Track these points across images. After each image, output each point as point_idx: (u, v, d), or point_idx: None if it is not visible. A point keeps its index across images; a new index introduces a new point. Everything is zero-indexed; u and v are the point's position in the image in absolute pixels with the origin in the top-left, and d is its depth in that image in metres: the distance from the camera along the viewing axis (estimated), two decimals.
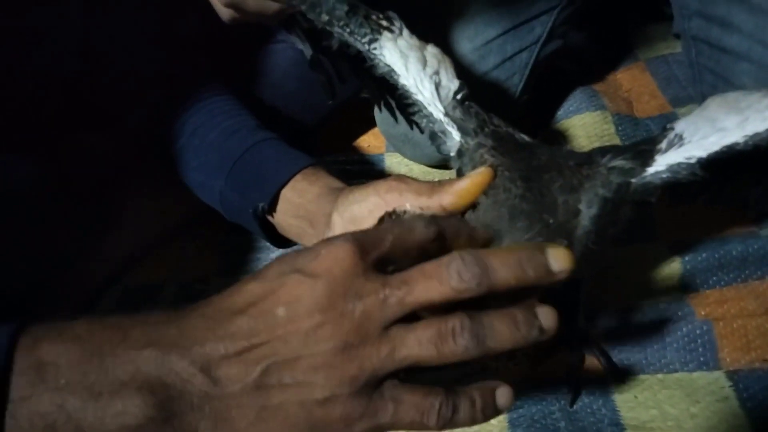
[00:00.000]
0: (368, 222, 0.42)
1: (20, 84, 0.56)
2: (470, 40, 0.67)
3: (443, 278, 0.29)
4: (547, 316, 0.31)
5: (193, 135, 0.59)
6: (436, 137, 0.46)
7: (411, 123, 0.50)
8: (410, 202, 0.41)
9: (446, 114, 0.44)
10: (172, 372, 0.28)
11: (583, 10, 0.75)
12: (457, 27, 0.67)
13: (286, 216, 0.53)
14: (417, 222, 0.32)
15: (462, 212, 0.41)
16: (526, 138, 0.44)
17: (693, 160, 0.38)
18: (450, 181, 0.41)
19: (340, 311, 0.29)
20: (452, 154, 0.45)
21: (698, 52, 0.66)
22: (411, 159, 0.76)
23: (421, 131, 0.47)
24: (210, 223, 0.68)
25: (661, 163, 0.39)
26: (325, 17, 0.46)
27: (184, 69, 0.65)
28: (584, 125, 0.76)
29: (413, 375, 0.31)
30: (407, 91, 0.45)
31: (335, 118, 0.81)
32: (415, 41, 0.46)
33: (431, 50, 0.46)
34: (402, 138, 0.71)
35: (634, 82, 0.84)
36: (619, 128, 0.75)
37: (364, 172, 0.80)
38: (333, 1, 0.46)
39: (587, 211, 0.39)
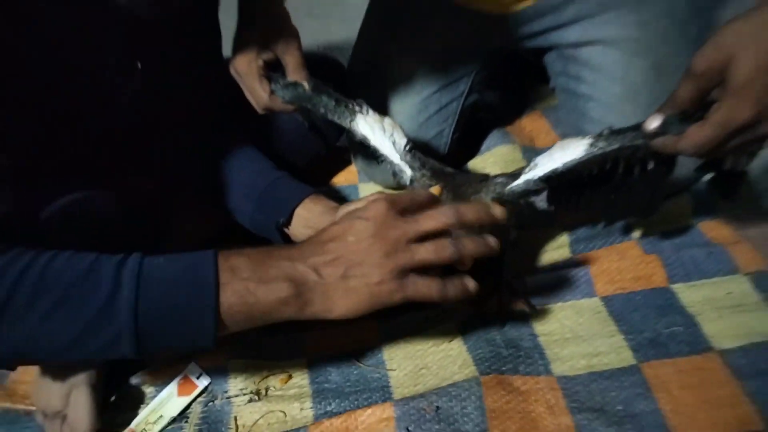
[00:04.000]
0: None
1: (94, 136, 0.67)
2: (418, 93, 0.86)
3: (437, 218, 0.52)
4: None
5: (230, 174, 0.78)
6: (396, 174, 0.70)
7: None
8: None
9: (401, 159, 0.68)
10: (299, 271, 0.49)
11: (494, 75, 0.94)
12: (408, 86, 0.87)
13: (298, 227, 0.72)
14: (423, 191, 0.58)
15: None
16: (449, 169, 0.68)
17: (535, 177, 0.62)
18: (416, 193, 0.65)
19: (383, 236, 0.51)
20: (407, 183, 0.69)
21: (563, 99, 0.89)
22: (380, 183, 0.97)
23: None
24: (237, 238, 0.84)
25: (521, 180, 0.63)
26: (322, 110, 0.72)
27: (217, 128, 0.82)
28: (501, 154, 0.97)
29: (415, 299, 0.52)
30: (377, 149, 0.69)
31: (320, 161, 0.99)
32: (376, 117, 0.70)
33: (387, 121, 0.70)
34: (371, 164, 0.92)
35: (534, 125, 1.05)
36: (525, 155, 0.98)
37: (343, 198, 1.00)
38: (326, 99, 0.71)
39: None
